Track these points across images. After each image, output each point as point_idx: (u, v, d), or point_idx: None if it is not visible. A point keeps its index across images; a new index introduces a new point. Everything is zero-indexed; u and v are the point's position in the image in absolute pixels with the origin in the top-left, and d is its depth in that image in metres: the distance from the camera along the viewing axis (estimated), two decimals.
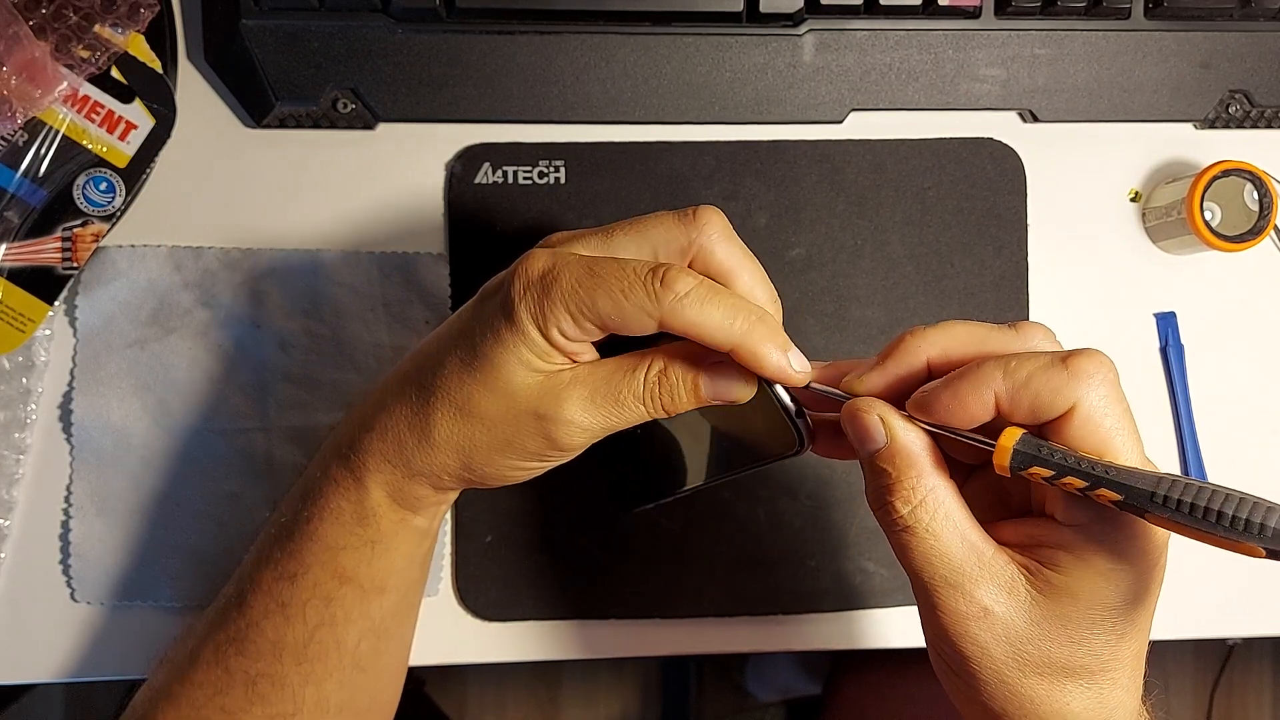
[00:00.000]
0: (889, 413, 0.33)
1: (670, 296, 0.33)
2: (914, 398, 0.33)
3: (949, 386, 0.31)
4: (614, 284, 0.33)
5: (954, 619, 0.32)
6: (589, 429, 0.36)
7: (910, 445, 0.32)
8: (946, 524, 0.32)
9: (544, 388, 0.35)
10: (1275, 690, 1.39)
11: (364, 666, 0.41)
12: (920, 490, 0.32)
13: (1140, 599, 0.32)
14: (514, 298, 0.35)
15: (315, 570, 0.39)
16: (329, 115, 0.51)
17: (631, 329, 0.34)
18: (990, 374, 0.31)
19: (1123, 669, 0.33)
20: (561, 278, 0.34)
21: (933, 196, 0.53)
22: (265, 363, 0.50)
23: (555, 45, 0.51)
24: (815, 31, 0.52)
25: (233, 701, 0.40)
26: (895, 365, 0.33)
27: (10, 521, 0.50)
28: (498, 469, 0.38)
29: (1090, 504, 0.31)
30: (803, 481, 0.52)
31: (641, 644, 0.52)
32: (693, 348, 0.36)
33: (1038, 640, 0.32)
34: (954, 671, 0.33)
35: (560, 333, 0.34)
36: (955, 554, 0.32)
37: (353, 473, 0.39)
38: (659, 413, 0.36)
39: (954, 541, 0.32)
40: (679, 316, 0.33)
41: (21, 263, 0.48)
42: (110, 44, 0.48)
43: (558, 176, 0.52)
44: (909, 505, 0.32)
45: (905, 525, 0.32)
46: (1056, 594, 0.31)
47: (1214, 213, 0.52)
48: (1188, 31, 0.53)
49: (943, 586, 0.32)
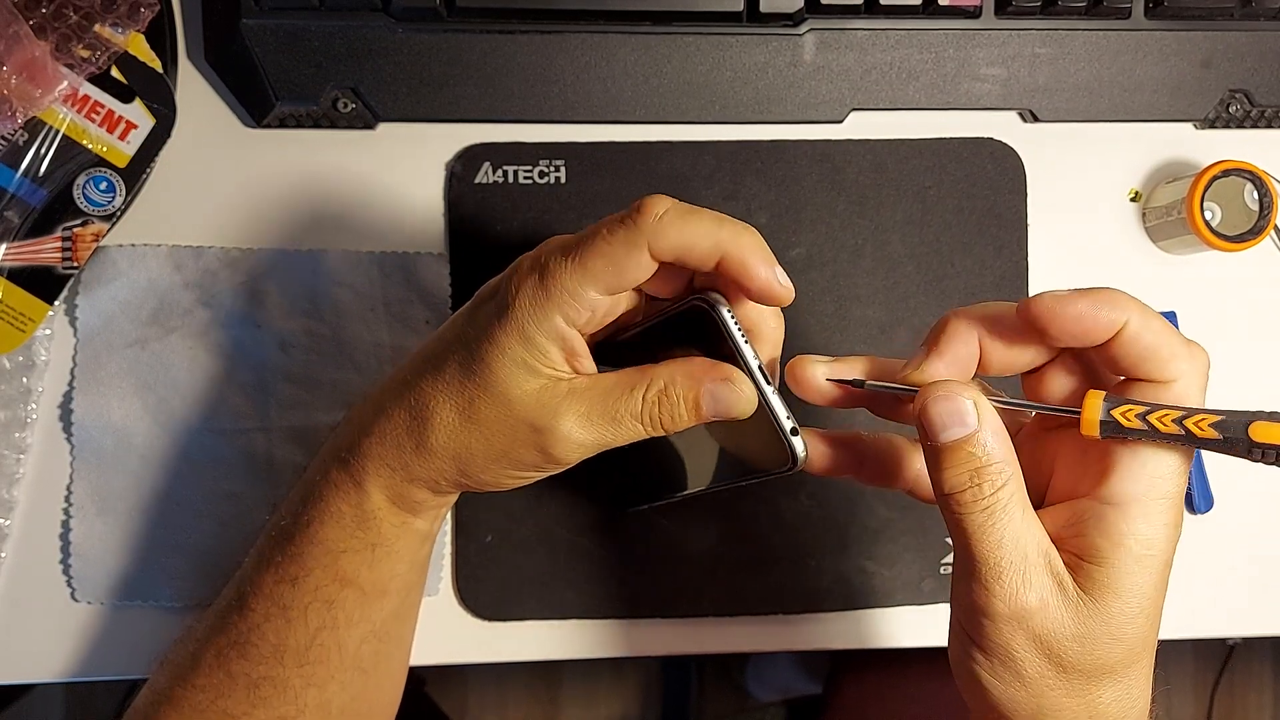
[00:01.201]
0: (979, 395, 0.32)
1: (649, 219, 0.33)
2: (1039, 305, 0.31)
3: (1087, 297, 0.31)
4: (597, 237, 0.34)
5: (1013, 608, 0.31)
6: (584, 444, 0.36)
7: (1000, 430, 0.32)
8: (1019, 509, 0.32)
9: (540, 399, 0.35)
10: (1275, 690, 1.39)
11: (366, 669, 0.41)
12: (1006, 473, 0.32)
13: (1164, 586, 0.32)
14: (510, 294, 0.35)
15: (316, 573, 0.39)
16: (329, 115, 0.51)
17: (628, 274, 0.34)
18: (1125, 303, 0.31)
19: (1147, 657, 0.33)
20: (550, 258, 0.34)
21: (933, 196, 0.53)
22: (265, 363, 0.50)
23: (555, 45, 0.51)
24: (815, 31, 0.52)
25: (235, 705, 0.40)
26: (951, 348, 0.33)
27: (10, 521, 0.50)
28: (494, 477, 0.37)
29: (1140, 477, 0.31)
30: (803, 481, 0.52)
31: (641, 644, 0.52)
32: (693, 366, 0.35)
33: (1082, 639, 0.32)
34: (986, 668, 0.33)
35: (564, 317, 0.34)
36: (1023, 540, 0.31)
37: (352, 476, 0.39)
38: (656, 431, 0.36)
39: (1027, 529, 0.31)
40: (664, 236, 0.33)
41: (22, 262, 0.48)
42: (110, 44, 0.48)
43: (558, 176, 0.52)
44: (994, 486, 0.31)
45: (986, 506, 0.31)
46: (1099, 590, 0.31)
47: (1214, 213, 0.52)
48: (1188, 31, 0.53)
49: (1006, 573, 0.31)
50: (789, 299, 0.35)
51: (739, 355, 0.36)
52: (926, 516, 0.52)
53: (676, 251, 0.34)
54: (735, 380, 0.35)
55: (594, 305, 0.34)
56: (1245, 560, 0.55)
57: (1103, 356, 0.32)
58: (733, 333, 0.35)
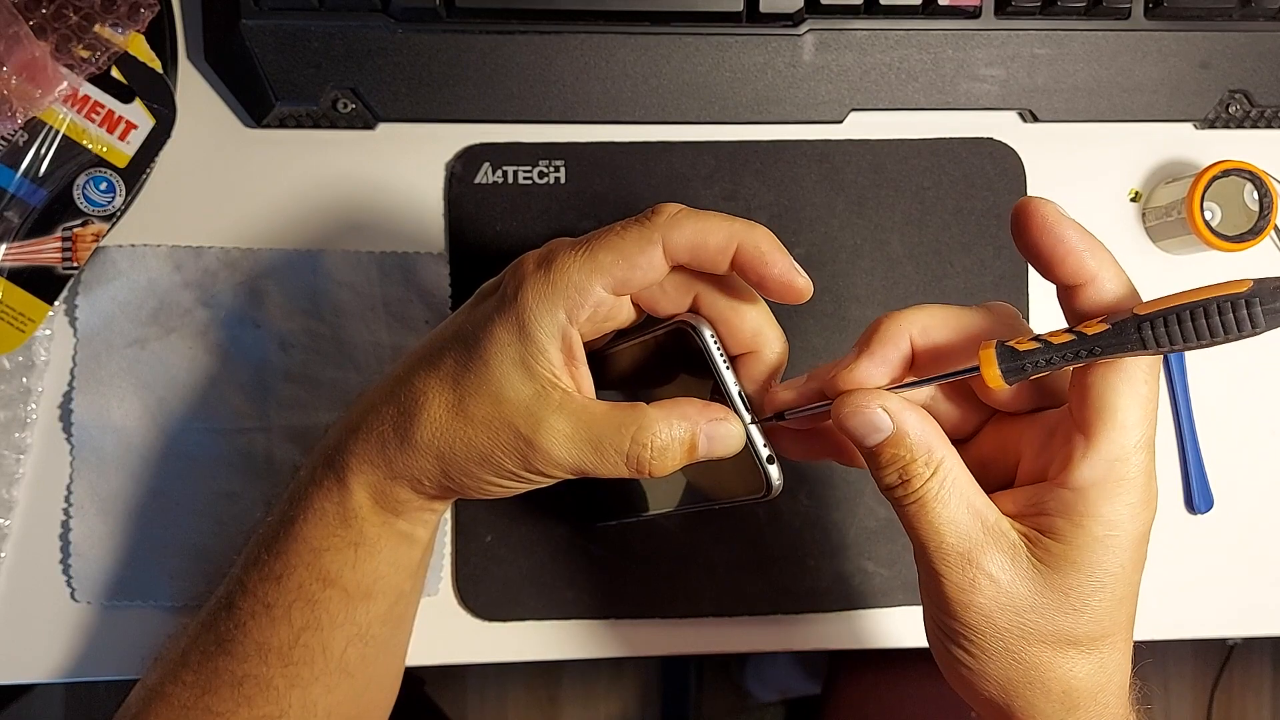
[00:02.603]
0: (887, 399, 0.33)
1: (663, 216, 0.34)
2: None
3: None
4: (609, 233, 0.34)
5: (959, 588, 0.32)
6: (562, 464, 0.35)
7: (918, 424, 0.32)
8: (954, 492, 0.32)
9: (530, 407, 0.35)
10: (1275, 690, 1.39)
11: (352, 672, 0.41)
12: (932, 462, 0.32)
13: (1135, 564, 0.32)
14: (514, 290, 0.35)
15: (300, 571, 0.39)
16: (329, 115, 0.51)
17: (638, 271, 0.34)
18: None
19: (1120, 633, 0.34)
20: (558, 253, 0.34)
21: (933, 196, 0.53)
22: (265, 362, 0.50)
23: (555, 45, 0.51)
24: (815, 31, 0.52)
25: (219, 702, 0.39)
26: (883, 349, 0.33)
27: (10, 521, 0.50)
28: (475, 481, 0.37)
29: (1096, 463, 0.31)
30: (803, 481, 0.52)
31: (641, 644, 0.52)
32: (687, 408, 0.35)
33: (1041, 609, 0.32)
34: (957, 648, 0.34)
35: (567, 311, 0.34)
36: (962, 521, 0.32)
37: (336, 474, 0.39)
38: (636, 474, 0.35)
39: (961, 509, 0.32)
40: (678, 231, 0.33)
41: (22, 263, 0.48)
42: (110, 44, 0.48)
43: (558, 176, 0.52)
44: (921, 479, 0.32)
45: (917, 497, 0.32)
46: (1057, 563, 0.32)
47: (1214, 213, 0.52)
48: (1188, 31, 0.53)
49: (950, 554, 0.32)
50: (809, 292, 0.34)
51: (720, 381, 0.35)
52: None
53: (690, 246, 0.34)
54: (730, 419, 0.35)
55: (598, 302, 0.34)
56: (1245, 560, 0.55)
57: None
58: (715, 358, 0.35)
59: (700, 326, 0.35)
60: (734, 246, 0.34)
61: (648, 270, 0.34)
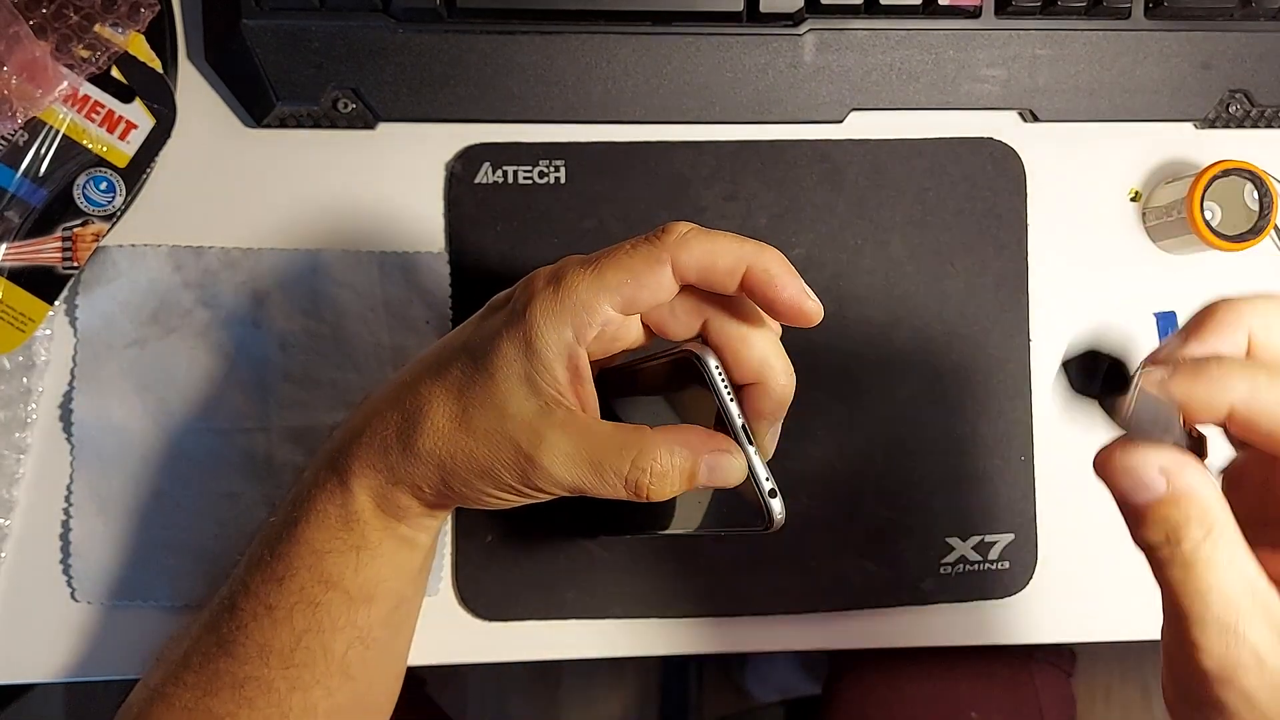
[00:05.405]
0: (1167, 457, 0.29)
1: (673, 235, 0.34)
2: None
3: None
4: (618, 251, 0.34)
5: (1222, 664, 0.28)
6: (561, 483, 0.35)
7: (1200, 485, 0.28)
8: (1228, 558, 0.28)
9: (533, 423, 0.35)
10: None
11: (353, 675, 0.41)
12: (1206, 522, 0.28)
13: None
14: (523, 305, 0.34)
15: (301, 574, 0.39)
16: (329, 115, 0.51)
17: (647, 290, 0.34)
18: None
19: None
20: (568, 270, 0.34)
21: (933, 196, 0.53)
22: (265, 362, 0.50)
23: (555, 45, 0.51)
24: (815, 31, 0.52)
25: (220, 704, 0.39)
26: (1217, 339, 0.30)
27: (10, 521, 0.50)
28: (475, 492, 0.37)
29: None
30: (803, 481, 0.52)
31: (641, 644, 0.52)
32: (690, 435, 0.35)
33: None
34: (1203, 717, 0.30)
35: (575, 330, 0.34)
36: (1234, 591, 0.28)
37: (339, 476, 0.39)
38: (635, 497, 0.35)
39: (1233, 578, 0.28)
40: (688, 250, 0.33)
41: (22, 262, 0.48)
42: (110, 44, 0.48)
43: (558, 176, 0.52)
44: (1193, 542, 0.28)
45: (1184, 561, 0.28)
46: None
47: (1214, 212, 0.52)
48: (1188, 31, 0.53)
49: (1214, 626, 0.28)
50: (818, 316, 0.34)
51: (723, 411, 0.35)
52: (927, 516, 0.52)
53: (700, 266, 0.33)
54: (733, 451, 0.35)
55: (606, 321, 0.34)
56: None
57: None
58: (719, 388, 0.35)
59: (705, 356, 0.35)
60: (744, 268, 0.34)
61: (656, 290, 0.34)
